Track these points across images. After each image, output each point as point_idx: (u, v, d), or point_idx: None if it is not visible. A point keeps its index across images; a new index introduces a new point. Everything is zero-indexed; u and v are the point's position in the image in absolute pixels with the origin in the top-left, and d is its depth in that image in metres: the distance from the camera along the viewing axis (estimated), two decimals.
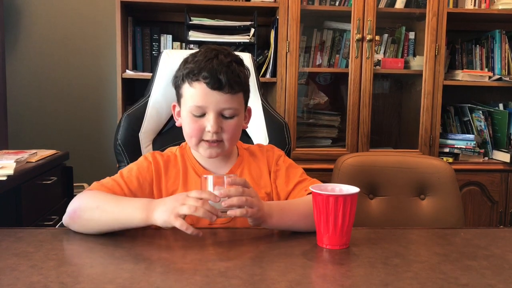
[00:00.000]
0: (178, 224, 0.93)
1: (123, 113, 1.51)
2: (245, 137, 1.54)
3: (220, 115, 1.13)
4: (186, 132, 1.17)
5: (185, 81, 1.13)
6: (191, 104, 1.12)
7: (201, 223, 1.10)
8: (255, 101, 1.55)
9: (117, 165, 1.49)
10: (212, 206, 0.95)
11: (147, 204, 1.00)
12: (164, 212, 0.96)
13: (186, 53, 1.49)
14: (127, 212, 1.01)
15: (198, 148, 1.16)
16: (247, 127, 1.26)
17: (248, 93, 1.21)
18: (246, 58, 1.60)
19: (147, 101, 1.51)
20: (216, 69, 1.09)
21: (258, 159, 1.24)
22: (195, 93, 1.11)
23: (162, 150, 1.34)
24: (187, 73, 1.12)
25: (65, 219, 1.06)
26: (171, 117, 1.54)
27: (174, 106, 1.23)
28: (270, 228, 1.06)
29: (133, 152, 1.46)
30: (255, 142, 1.54)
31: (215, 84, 1.09)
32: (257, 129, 1.54)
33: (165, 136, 1.54)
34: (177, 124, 1.22)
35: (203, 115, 1.12)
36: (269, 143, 1.50)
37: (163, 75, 1.53)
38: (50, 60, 2.75)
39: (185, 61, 1.16)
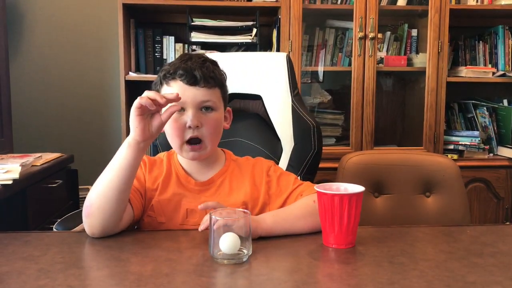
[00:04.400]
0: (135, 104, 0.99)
1: None
2: (275, 140, 1.51)
3: (199, 110, 1.14)
4: (168, 133, 1.18)
5: (163, 83, 1.17)
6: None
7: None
8: (285, 100, 1.51)
9: None
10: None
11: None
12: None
13: (224, 55, 1.48)
14: (116, 155, 1.05)
15: (181, 152, 1.16)
16: (228, 127, 1.26)
17: (225, 92, 1.23)
18: (282, 57, 1.57)
19: None
20: (191, 67, 1.14)
21: (243, 172, 1.23)
22: (173, 90, 1.13)
23: None
24: (163, 75, 1.16)
25: (85, 222, 1.05)
26: None
27: None
28: (267, 235, 1.05)
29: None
30: (283, 143, 1.51)
31: (190, 80, 1.13)
32: (284, 131, 1.51)
33: None
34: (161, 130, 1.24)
35: (182, 112, 1.14)
36: (295, 145, 1.48)
37: None
38: (53, 63, 2.76)
39: (162, 69, 1.19)
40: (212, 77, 1.15)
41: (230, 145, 1.30)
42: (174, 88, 1.14)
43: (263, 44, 2.62)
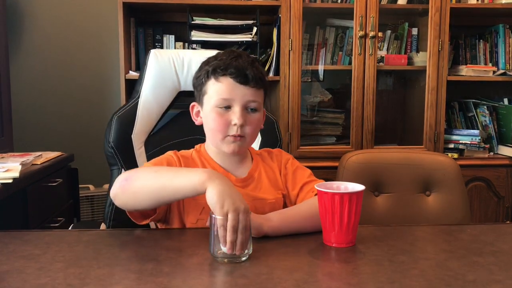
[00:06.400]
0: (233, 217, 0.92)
1: (113, 115, 1.47)
2: None
3: (245, 109, 1.15)
4: (210, 127, 1.18)
5: (211, 77, 1.17)
6: (218, 97, 1.15)
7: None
8: None
9: (110, 169, 1.47)
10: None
11: (208, 172, 0.99)
12: (218, 196, 0.94)
13: (174, 52, 1.47)
14: (184, 174, 1.02)
15: (222, 144, 1.17)
16: (263, 127, 1.26)
17: (267, 93, 1.24)
18: None
19: (137, 102, 1.50)
20: (243, 66, 1.14)
21: (270, 163, 1.27)
22: (222, 87, 1.15)
23: (156, 152, 1.35)
24: (213, 69, 1.16)
25: (114, 189, 1.06)
26: (161, 118, 1.54)
27: (193, 106, 1.25)
28: (274, 234, 1.05)
29: (126, 155, 1.44)
30: None
31: (242, 79, 1.14)
32: None
33: (156, 137, 1.53)
34: (196, 123, 1.24)
35: (228, 108, 1.15)
36: (261, 140, 1.51)
37: (151, 75, 1.53)
38: (53, 62, 2.76)
39: (207, 62, 1.19)
40: (261, 78, 1.17)
41: (189, 144, 1.30)
42: (223, 84, 1.15)
43: (264, 43, 2.62)
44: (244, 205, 0.94)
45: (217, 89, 1.15)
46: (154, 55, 1.55)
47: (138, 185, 1.03)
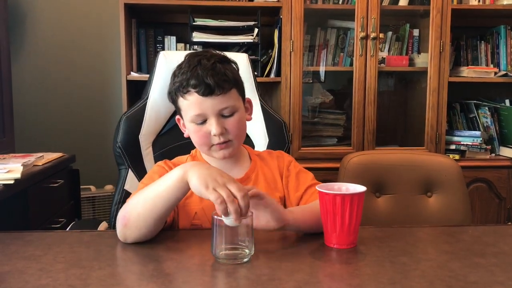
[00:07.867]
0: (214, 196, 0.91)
1: (122, 115, 1.50)
2: (246, 138, 1.54)
3: (221, 116, 1.14)
4: (195, 141, 1.19)
5: (178, 95, 1.16)
6: (190, 114, 1.14)
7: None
8: (253, 101, 1.55)
9: (118, 169, 1.49)
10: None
11: (184, 165, 1.00)
12: (200, 179, 0.94)
13: (183, 53, 1.47)
14: (164, 179, 1.00)
15: (211, 153, 1.17)
16: (251, 118, 1.25)
17: (241, 86, 1.21)
18: (243, 58, 1.59)
19: (146, 103, 1.51)
20: (202, 75, 1.11)
21: (270, 165, 1.26)
22: (190, 103, 1.13)
23: (163, 153, 1.32)
24: (177, 87, 1.15)
25: (119, 230, 1.02)
26: (170, 119, 1.54)
27: (178, 119, 1.25)
28: (291, 229, 1.04)
29: (134, 155, 1.46)
30: (255, 142, 1.54)
31: (205, 91, 1.11)
32: (257, 129, 1.54)
33: (164, 137, 1.54)
34: (185, 135, 1.23)
35: (204, 121, 1.14)
36: (268, 142, 1.51)
37: (160, 77, 1.53)
38: (55, 63, 2.77)
39: (174, 75, 1.18)
40: (225, 80, 1.13)
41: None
42: (190, 101, 1.13)
43: (265, 44, 2.62)
44: (227, 176, 0.96)
45: (187, 106, 1.14)
46: (163, 57, 1.56)
47: (135, 214, 1.00)
